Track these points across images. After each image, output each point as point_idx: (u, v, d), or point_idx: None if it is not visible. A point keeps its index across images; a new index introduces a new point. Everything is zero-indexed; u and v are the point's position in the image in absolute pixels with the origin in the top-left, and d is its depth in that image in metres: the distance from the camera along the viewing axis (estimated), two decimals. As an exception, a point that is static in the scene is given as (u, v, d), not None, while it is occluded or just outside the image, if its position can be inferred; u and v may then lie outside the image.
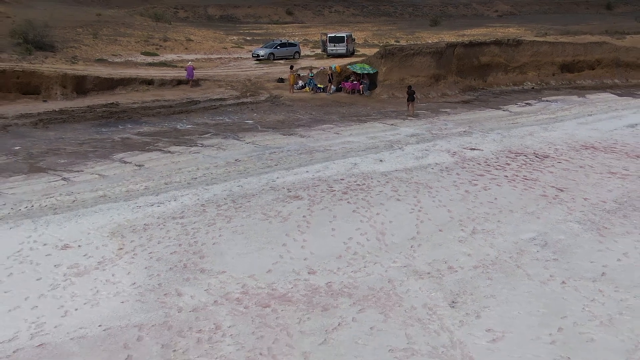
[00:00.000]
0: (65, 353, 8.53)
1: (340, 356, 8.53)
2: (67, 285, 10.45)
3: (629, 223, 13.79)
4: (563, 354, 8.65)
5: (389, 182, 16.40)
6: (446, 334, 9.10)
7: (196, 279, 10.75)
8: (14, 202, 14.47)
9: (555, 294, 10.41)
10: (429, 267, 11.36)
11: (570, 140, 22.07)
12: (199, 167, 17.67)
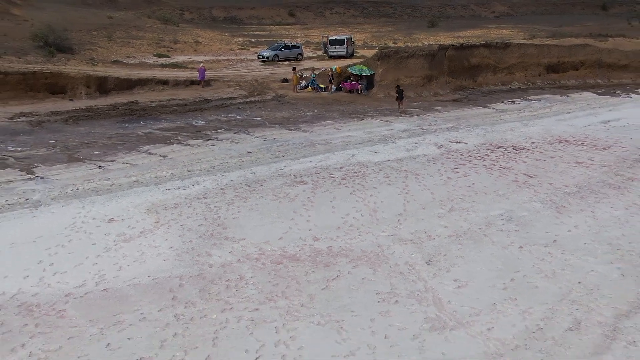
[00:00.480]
0: (124, 295, 10.94)
1: (338, 297, 10.94)
2: (118, 249, 12.87)
3: (584, 203, 16.18)
4: (512, 296, 11.06)
5: (382, 170, 18.80)
6: (422, 283, 11.51)
7: (221, 244, 13.16)
8: (61, 186, 16.88)
9: (513, 256, 12.81)
10: (412, 235, 13.77)
11: (547, 134, 24.44)
12: (216, 157, 20.08)
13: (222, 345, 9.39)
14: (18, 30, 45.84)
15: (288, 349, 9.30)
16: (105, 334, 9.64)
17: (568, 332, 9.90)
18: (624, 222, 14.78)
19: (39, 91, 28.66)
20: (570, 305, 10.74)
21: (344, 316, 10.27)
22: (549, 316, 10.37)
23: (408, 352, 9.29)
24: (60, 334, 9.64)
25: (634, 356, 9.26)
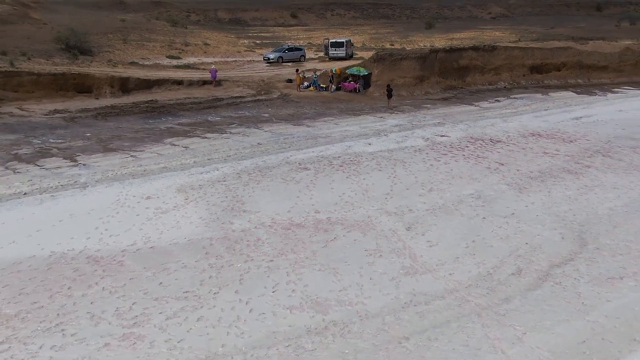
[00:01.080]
0: (168, 251, 13.88)
1: (334, 253, 13.87)
2: (157, 218, 15.81)
3: (543, 185, 19.10)
4: (471, 252, 13.99)
5: (374, 159, 21.73)
6: (401, 243, 14.44)
7: (241, 215, 16.09)
8: (102, 171, 19.84)
9: (476, 224, 15.74)
10: (396, 209, 16.70)
11: (522, 129, 27.34)
12: (231, 148, 23.01)
13: (246, 283, 12.34)
14: (40, 34, 48.78)
15: (296, 285, 12.25)
16: (157, 276, 12.59)
17: (511, 276, 12.83)
18: (573, 200, 17.70)
19: (68, 90, 31.58)
20: (516, 259, 13.67)
21: (339, 265, 13.21)
22: (497, 266, 13.31)
23: (387, 288, 12.22)
24: (122, 276, 12.59)
25: (556, 292, 12.19)
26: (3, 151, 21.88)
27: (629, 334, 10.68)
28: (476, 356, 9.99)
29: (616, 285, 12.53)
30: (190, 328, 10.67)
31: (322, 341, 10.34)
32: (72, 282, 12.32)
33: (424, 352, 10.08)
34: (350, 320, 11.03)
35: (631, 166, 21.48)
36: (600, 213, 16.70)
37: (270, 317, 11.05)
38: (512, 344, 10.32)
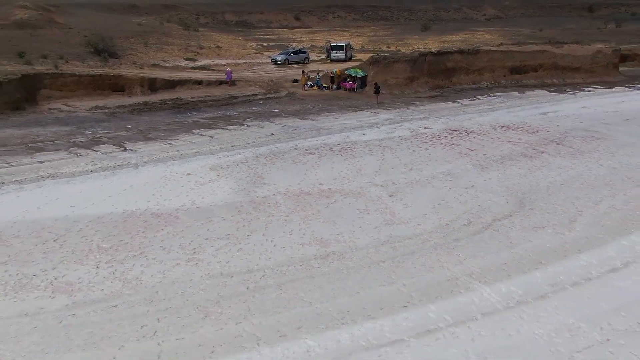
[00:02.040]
0: (210, 210, 18.44)
1: (334, 211, 18.41)
2: (198, 188, 20.38)
3: (501, 166, 23.63)
4: (436, 211, 18.52)
5: (367, 146, 26.28)
6: (384, 205, 19.01)
7: (262, 186, 20.65)
8: (147, 154, 24.42)
9: (443, 193, 20.30)
10: (382, 182, 21.25)
11: (495, 122, 31.85)
12: (249, 137, 27.58)
13: (270, 229, 16.90)
14: (69, 38, 53.37)
15: (306, 231, 16.82)
16: (205, 225, 17.18)
17: (462, 226, 17.40)
18: (522, 176, 22.24)
19: (104, 89, 36.14)
20: (469, 215, 18.24)
21: (337, 219, 17.78)
22: (454, 220, 17.87)
23: (371, 233, 16.78)
24: (180, 225, 17.17)
25: (493, 236, 16.74)
26: (63, 140, 26.51)
27: (537, 260, 15.23)
28: (429, 271, 14.55)
29: (538, 232, 17.09)
30: (233, 255, 15.25)
31: (325, 263, 14.92)
32: (144, 228, 16.92)
33: (394, 269, 14.64)
34: (344, 251, 15.61)
35: (577, 152, 26.01)
36: (541, 185, 21.25)
37: (289, 249, 15.63)
38: (454, 265, 14.88)
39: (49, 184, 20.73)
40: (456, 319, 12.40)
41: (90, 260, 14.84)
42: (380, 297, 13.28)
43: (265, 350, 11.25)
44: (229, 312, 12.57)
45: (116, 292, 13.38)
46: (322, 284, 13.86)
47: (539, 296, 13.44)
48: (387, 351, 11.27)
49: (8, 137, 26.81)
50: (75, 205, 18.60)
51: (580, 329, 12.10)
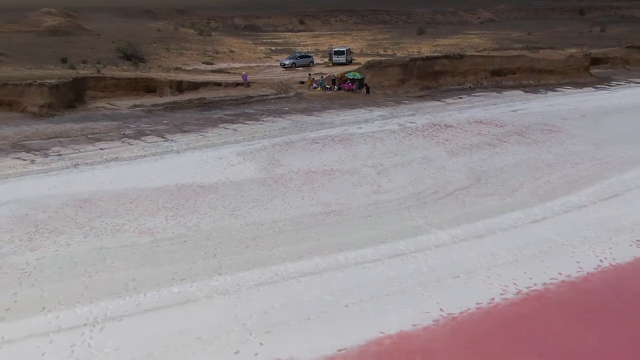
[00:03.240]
0: (240, 184, 24.12)
1: (334, 185, 24.08)
2: (230, 168, 26.06)
3: (468, 152, 29.25)
4: (413, 184, 24.20)
5: (362, 137, 31.93)
6: (373, 179, 24.68)
7: (278, 167, 26.34)
8: (184, 143, 30.11)
9: (419, 172, 25.93)
10: (372, 164, 26.92)
11: (470, 118, 37.45)
12: (265, 130, 33.24)
13: (287, 196, 22.59)
14: (99, 44, 59.10)
15: (313, 197, 22.50)
16: (238, 193, 22.86)
17: (430, 194, 23.05)
18: (484, 160, 27.88)
19: (139, 90, 41.78)
20: (436, 187, 23.87)
21: (337, 189, 23.46)
22: (424, 190, 23.52)
23: (362, 198, 22.44)
24: (220, 193, 22.87)
25: (452, 200, 22.36)
26: (115, 132, 32.23)
27: (481, 215, 20.87)
28: (402, 222, 20.22)
29: (486, 198, 22.74)
30: (261, 212, 20.95)
31: (327, 217, 20.60)
32: (194, 195, 22.63)
33: (377, 220, 20.31)
34: (342, 209, 21.30)
35: (533, 142, 31.61)
36: (497, 167, 26.89)
37: (301, 208, 21.32)
38: (420, 218, 20.55)
39: (114, 165, 26.48)
40: (416, 249, 18.10)
41: (160, 215, 20.58)
42: (366, 236, 18.97)
43: (288, 265, 16.95)
44: (263, 245, 18.28)
45: (183, 233, 19.10)
46: (326, 229, 19.56)
47: (477, 236, 19.13)
48: (369, 265, 16.97)
49: (69, 130, 32.55)
50: (138, 180, 24.32)
51: (499, 254, 17.79)
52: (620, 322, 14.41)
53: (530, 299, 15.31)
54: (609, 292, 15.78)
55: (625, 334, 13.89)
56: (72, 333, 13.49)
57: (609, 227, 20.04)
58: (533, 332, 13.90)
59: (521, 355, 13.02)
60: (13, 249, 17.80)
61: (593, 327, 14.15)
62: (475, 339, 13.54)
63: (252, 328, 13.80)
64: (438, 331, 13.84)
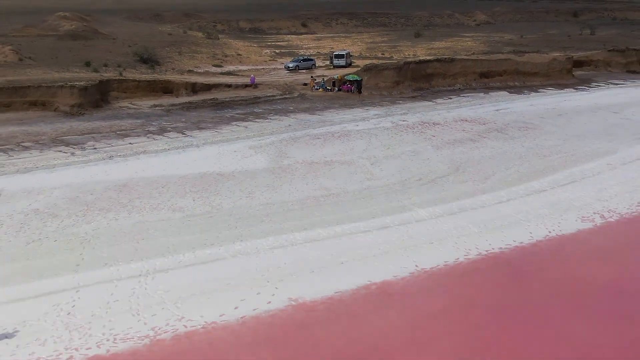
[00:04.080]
0: (254, 172, 28.06)
1: (334, 172, 28.02)
2: (244, 160, 29.99)
3: (452, 147, 33.16)
4: (400, 173, 28.12)
5: (359, 133, 35.85)
6: (367, 169, 28.63)
7: (286, 158, 30.28)
8: (202, 139, 34.04)
9: (407, 163, 29.87)
10: (367, 157, 30.85)
11: (457, 117, 41.34)
12: (273, 127, 37.17)
13: (293, 182, 26.54)
14: (116, 48, 63.07)
15: (316, 182, 26.45)
16: (253, 180, 26.80)
17: (415, 181, 26.96)
18: (464, 153, 31.78)
19: (157, 91, 45.72)
20: (420, 175, 27.79)
21: (336, 177, 27.39)
22: (410, 177, 27.44)
23: (357, 184, 26.39)
24: (236, 180, 26.81)
25: (434, 186, 26.29)
26: (139, 129, 36.18)
27: (456, 198, 24.79)
28: (390, 202, 24.14)
29: (462, 184, 26.66)
30: (272, 195, 24.88)
31: (327, 198, 24.54)
32: (215, 182, 26.58)
33: (368, 201, 24.25)
34: (339, 193, 25.24)
35: (510, 137, 35.51)
36: (475, 159, 30.80)
37: (306, 192, 25.27)
38: (405, 200, 24.48)
39: (143, 157, 30.46)
40: (400, 223, 22.05)
41: (189, 197, 24.55)
42: (358, 214, 22.92)
43: (295, 234, 20.90)
44: (274, 220, 22.24)
45: (208, 211, 23.06)
46: (326, 208, 23.52)
47: (451, 214, 23.07)
48: (361, 234, 20.93)
49: (99, 127, 36.52)
50: (166, 169, 28.29)
51: (467, 227, 21.74)
52: (554, 277, 18.32)
53: (487, 258, 19.26)
54: (550, 254, 19.71)
55: (555, 285, 17.80)
56: (131, 281, 17.45)
57: (561, 207, 23.97)
58: (486, 281, 17.83)
59: (474, 294, 16.93)
60: (72, 222, 21.77)
61: (532, 280, 18.07)
62: (441, 285, 17.48)
63: (268, 277, 17.74)
64: (413, 280, 17.77)
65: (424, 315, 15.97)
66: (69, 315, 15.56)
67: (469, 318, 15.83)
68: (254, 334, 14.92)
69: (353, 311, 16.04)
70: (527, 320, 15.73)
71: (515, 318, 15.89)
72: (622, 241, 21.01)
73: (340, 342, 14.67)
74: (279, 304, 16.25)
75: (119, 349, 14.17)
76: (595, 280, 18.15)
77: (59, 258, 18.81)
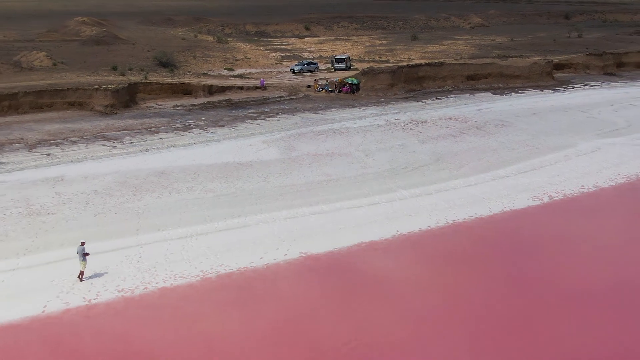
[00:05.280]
0: (267, 162, 33.40)
1: (334, 162, 33.35)
2: (259, 152, 35.32)
3: (435, 141, 38.44)
4: (390, 162, 33.44)
5: (356, 130, 41.14)
6: (362, 160, 33.97)
7: (294, 151, 35.60)
8: (222, 135, 39.37)
9: (396, 155, 35.16)
10: (362, 150, 36.17)
11: (442, 115, 46.60)
12: (282, 125, 42.48)
13: (301, 169, 31.88)
14: (136, 52, 68.30)
15: (319, 170, 31.79)
16: (267, 169, 32.11)
17: (402, 169, 32.30)
18: (445, 147, 37.05)
19: (178, 93, 51.03)
20: (407, 164, 33.10)
21: (336, 166, 32.72)
22: (398, 166, 32.78)
23: (352, 171, 31.72)
24: (254, 168, 32.13)
25: (417, 173, 31.61)
26: (167, 126, 41.52)
27: (433, 182, 30.12)
28: (379, 185, 29.45)
29: (440, 172, 31.95)
30: (284, 180, 30.22)
31: (329, 182, 29.87)
32: (236, 170, 31.91)
33: (362, 185, 29.58)
34: (339, 178, 30.58)
35: (487, 133, 40.77)
36: (454, 151, 36.07)
37: (311, 177, 30.60)
38: (392, 183, 29.79)
39: (173, 149, 35.80)
40: (387, 200, 27.38)
41: (216, 181, 29.90)
42: (354, 193, 28.27)
43: (304, 209, 26.25)
44: (287, 198, 27.57)
45: (233, 192, 28.40)
46: (328, 189, 28.85)
47: (428, 194, 28.41)
48: (355, 209, 26.28)
49: (132, 124, 41.86)
50: (195, 160, 33.63)
51: (440, 203, 27.07)
52: (499, 238, 23.65)
53: (452, 226, 24.61)
54: (504, 223, 25.05)
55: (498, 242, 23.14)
56: (180, 240, 22.81)
57: (518, 189, 29.28)
58: (449, 241, 23.16)
59: (439, 249, 22.25)
60: (126, 200, 27.14)
61: (483, 240, 23.40)
62: (415, 244, 22.84)
63: (284, 238, 23.10)
64: (394, 240, 23.12)
65: (400, 263, 21.33)
66: (138, 263, 20.94)
67: (433, 264, 21.23)
68: (275, 275, 20.30)
69: (347, 260, 21.43)
70: (474, 264, 21.08)
71: (466, 263, 21.24)
72: (560, 214, 26.34)
73: (338, 279, 20.02)
74: (293, 255, 21.63)
75: (179, 283, 19.55)
76: (527, 237, 23.49)
77: (122, 225, 24.18)
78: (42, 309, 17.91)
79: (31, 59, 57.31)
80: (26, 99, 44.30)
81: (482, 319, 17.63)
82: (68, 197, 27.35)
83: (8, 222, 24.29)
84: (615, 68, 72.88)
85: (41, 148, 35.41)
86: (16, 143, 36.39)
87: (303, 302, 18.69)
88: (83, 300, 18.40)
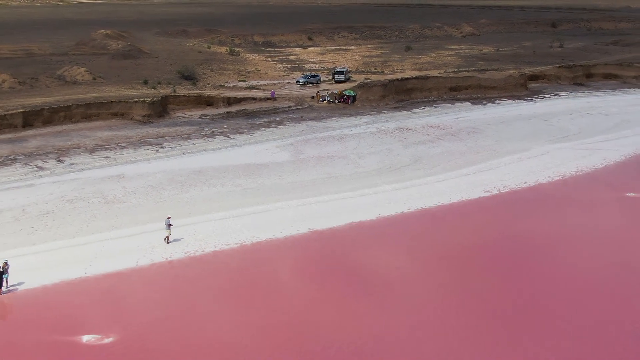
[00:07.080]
0: (281, 163, 41.63)
1: (333, 163, 41.59)
2: (273, 155, 43.58)
3: (416, 146, 46.64)
4: (378, 163, 41.67)
5: (352, 136, 49.36)
6: (356, 161, 42.23)
7: (302, 154, 43.85)
8: (242, 141, 47.62)
9: (384, 157, 43.45)
10: (356, 153, 44.40)
11: (425, 123, 54.81)
12: (291, 132, 50.70)
13: (307, 169, 40.14)
14: (160, 66, 76.56)
15: (321, 169, 40.04)
16: (281, 168, 40.36)
17: (386, 169, 40.54)
18: (423, 150, 45.27)
19: (201, 104, 59.22)
20: (390, 164, 41.32)
21: (335, 166, 40.97)
22: (384, 166, 41.05)
23: (347, 169, 39.96)
24: (270, 168, 40.38)
25: (398, 172, 39.84)
26: (196, 133, 49.79)
27: (409, 179, 38.36)
28: (368, 181, 37.67)
29: (416, 170, 40.16)
30: (294, 177, 38.49)
31: (329, 179, 38.13)
32: (256, 169, 40.14)
33: (356, 181, 37.84)
34: (337, 176, 38.84)
35: (459, 139, 48.96)
36: (430, 154, 44.28)
37: (314, 175, 38.86)
38: (377, 179, 38.04)
39: (205, 153, 44.07)
40: (372, 193, 35.66)
41: (243, 178, 38.16)
42: (349, 187, 36.52)
43: (310, 199, 34.51)
44: (297, 191, 35.84)
45: (256, 187, 36.65)
46: (329, 185, 37.10)
47: (405, 188, 36.66)
48: (349, 199, 34.54)
49: (167, 132, 50.13)
50: (223, 161, 41.88)
51: (415, 195, 35.30)
52: (454, 219, 31.90)
53: (420, 211, 32.86)
54: (460, 209, 33.29)
55: (451, 222, 31.42)
56: (221, 221, 31.08)
57: (475, 184, 37.49)
58: (417, 222, 31.41)
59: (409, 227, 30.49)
60: (176, 192, 35.40)
61: (441, 220, 31.63)
62: (391, 223, 31.14)
63: (297, 219, 31.37)
64: (377, 222, 31.38)
65: (379, 235, 29.61)
66: (194, 235, 29.23)
67: (404, 237, 29.52)
68: (292, 244, 28.62)
69: (342, 234, 29.77)
70: (432, 236, 29.35)
71: (426, 235, 29.49)
72: (503, 203, 34.61)
73: (335, 246, 28.31)
74: (304, 231, 29.96)
75: (226, 248, 27.84)
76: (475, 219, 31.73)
77: (177, 210, 32.43)
78: (135, 263, 26.20)
79: (74, 74, 65.61)
80: (78, 110, 52.58)
81: (428, 266, 25.96)
82: (132, 190, 35.61)
83: (93, 208, 32.59)
84: (585, 79, 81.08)
85: (99, 152, 43.70)
86: (77, 148, 44.69)
87: (314, 256, 27.07)
88: (162, 258, 26.72)
